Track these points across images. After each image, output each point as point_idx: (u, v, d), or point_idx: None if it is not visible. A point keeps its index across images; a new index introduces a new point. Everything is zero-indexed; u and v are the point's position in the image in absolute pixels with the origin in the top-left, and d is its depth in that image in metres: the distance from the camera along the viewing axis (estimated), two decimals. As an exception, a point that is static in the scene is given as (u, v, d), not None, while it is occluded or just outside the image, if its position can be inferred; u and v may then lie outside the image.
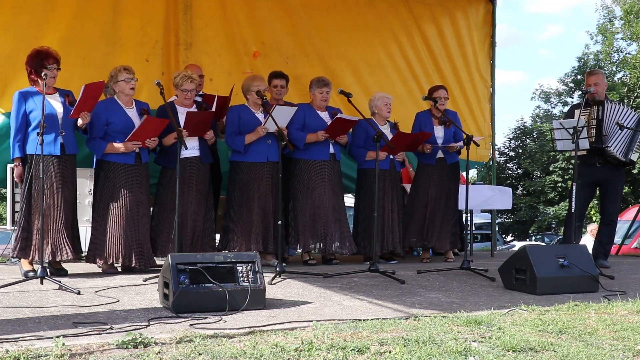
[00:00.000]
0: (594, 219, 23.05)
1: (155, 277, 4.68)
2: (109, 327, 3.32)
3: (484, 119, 8.63)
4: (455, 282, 5.23)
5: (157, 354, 2.80)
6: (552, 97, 34.63)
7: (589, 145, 6.20)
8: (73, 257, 5.18)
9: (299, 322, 3.54)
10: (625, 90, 28.47)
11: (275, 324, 3.46)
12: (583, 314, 3.88)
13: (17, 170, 5.13)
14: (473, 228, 8.53)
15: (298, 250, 6.51)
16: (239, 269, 3.97)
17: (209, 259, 3.97)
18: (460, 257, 6.40)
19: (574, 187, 5.99)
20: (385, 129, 6.36)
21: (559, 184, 30.15)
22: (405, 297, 4.52)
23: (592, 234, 11.30)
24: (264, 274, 4.11)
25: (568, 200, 6.70)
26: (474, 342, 3.13)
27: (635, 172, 25.31)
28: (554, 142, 6.26)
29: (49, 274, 4.72)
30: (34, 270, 4.96)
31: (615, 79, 29.61)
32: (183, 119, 5.45)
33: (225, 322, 3.54)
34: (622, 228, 9.93)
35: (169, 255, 3.89)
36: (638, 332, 3.42)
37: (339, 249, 6.13)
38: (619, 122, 6.23)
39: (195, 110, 5.59)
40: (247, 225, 5.82)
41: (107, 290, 4.50)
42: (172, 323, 3.48)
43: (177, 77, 5.61)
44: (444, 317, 3.70)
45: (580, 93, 26.82)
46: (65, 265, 5.37)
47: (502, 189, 7.65)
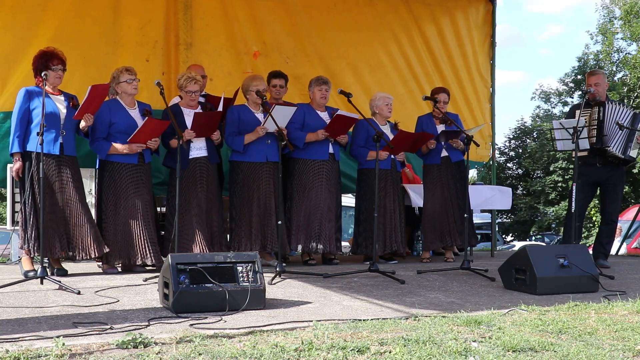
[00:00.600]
0: (594, 219, 23.08)
1: (155, 277, 4.68)
2: (109, 327, 3.33)
3: (484, 119, 8.62)
4: (455, 282, 5.23)
5: (157, 354, 2.80)
6: (552, 97, 34.63)
7: (590, 146, 6.21)
8: (91, 256, 5.21)
9: (299, 322, 3.54)
10: (625, 90, 28.45)
11: (275, 324, 3.46)
12: (583, 314, 3.88)
13: (15, 165, 5.11)
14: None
15: (298, 250, 6.51)
16: (239, 269, 3.97)
17: (209, 259, 3.97)
18: (460, 257, 6.40)
19: (574, 187, 5.99)
20: (386, 129, 6.36)
21: (559, 184, 30.14)
22: (405, 297, 4.52)
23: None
24: (264, 274, 4.11)
25: (568, 201, 6.70)
26: (474, 342, 3.13)
27: (636, 171, 25.30)
28: (554, 142, 6.26)
29: (49, 274, 4.73)
30: (34, 270, 4.96)
31: (615, 79, 29.60)
32: (190, 121, 5.47)
33: (225, 322, 3.54)
34: (622, 228, 9.95)
35: (169, 255, 3.90)
36: (638, 332, 3.42)
37: (333, 249, 6.13)
38: (619, 122, 6.24)
39: (203, 111, 5.61)
40: (248, 225, 5.83)
41: (107, 290, 4.50)
42: (172, 323, 3.48)
43: (180, 78, 5.62)
44: (444, 317, 3.70)
45: (581, 93, 26.80)
46: (65, 265, 5.37)
47: (502, 189, 7.64)
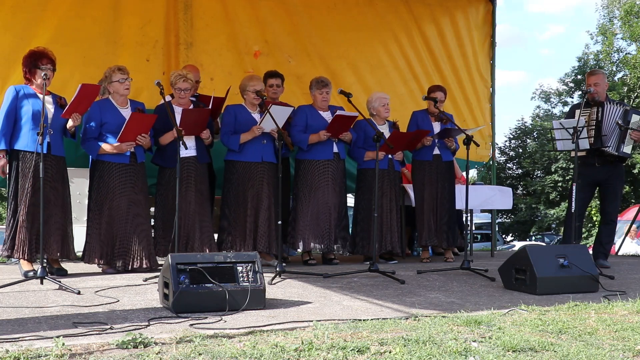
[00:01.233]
0: (594, 219, 23.08)
1: (155, 277, 4.68)
2: (109, 327, 3.32)
3: (484, 119, 8.64)
4: (455, 282, 5.23)
5: (157, 354, 2.80)
6: (552, 97, 34.63)
7: (589, 146, 6.21)
8: (64, 257, 5.21)
9: (299, 322, 3.54)
10: (625, 90, 28.45)
11: (275, 324, 3.46)
12: (583, 314, 3.88)
13: (1, 162, 5.06)
14: (473, 228, 8.52)
15: (298, 250, 6.51)
16: (239, 269, 3.97)
17: (209, 259, 3.97)
18: (460, 257, 6.40)
19: (574, 187, 5.99)
20: (384, 129, 6.36)
21: (559, 184, 30.14)
22: (405, 297, 4.52)
23: (630, 237, 11.40)
24: (264, 274, 4.11)
25: (568, 201, 6.71)
26: (474, 342, 3.12)
27: (636, 171, 25.31)
28: (554, 142, 6.26)
29: (49, 274, 4.72)
30: (34, 270, 4.95)
31: (615, 79, 29.61)
32: (179, 118, 5.42)
33: (225, 322, 3.54)
34: (622, 228, 9.95)
35: (169, 255, 3.89)
36: (638, 332, 3.42)
37: (340, 249, 6.14)
38: (618, 122, 6.25)
39: (191, 108, 5.57)
40: (241, 225, 5.82)
41: (107, 290, 4.50)
42: (172, 323, 3.48)
43: (172, 75, 5.62)
44: (444, 317, 3.70)
45: (581, 93, 26.82)
46: (65, 265, 5.37)
47: (502, 189, 7.64)
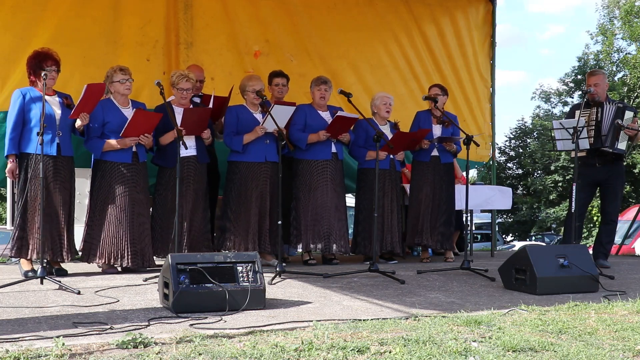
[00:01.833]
0: (595, 219, 23.08)
1: (155, 277, 4.68)
2: (109, 327, 3.32)
3: (484, 119, 8.64)
4: (455, 282, 5.23)
5: (157, 354, 2.80)
6: (552, 97, 34.63)
7: (589, 146, 6.21)
8: (68, 259, 5.22)
9: (299, 322, 3.54)
10: (625, 90, 28.46)
11: (275, 324, 3.46)
12: (583, 314, 3.88)
13: (10, 166, 5.09)
14: (473, 228, 8.52)
15: (298, 250, 6.51)
16: (239, 269, 3.97)
17: (209, 259, 3.97)
18: (460, 257, 6.40)
19: (574, 187, 5.99)
20: (386, 129, 6.37)
21: (560, 184, 30.14)
22: (405, 297, 4.52)
23: None
24: (264, 274, 4.11)
25: (568, 201, 6.72)
26: (474, 342, 3.12)
27: (637, 171, 25.30)
28: (554, 142, 6.26)
29: (49, 274, 4.72)
30: (34, 270, 4.96)
31: (615, 79, 29.61)
32: (180, 118, 5.43)
33: (225, 322, 3.54)
34: (622, 228, 9.94)
35: (169, 255, 3.89)
36: (638, 332, 3.42)
37: (341, 249, 6.14)
38: (618, 122, 6.25)
39: (192, 108, 5.58)
40: (244, 225, 5.82)
41: (107, 290, 4.50)
42: (172, 323, 3.48)
43: (173, 75, 5.61)
44: (444, 317, 3.70)
45: (581, 93, 26.81)
46: (65, 265, 5.37)
47: (502, 189, 7.64)
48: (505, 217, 32.94)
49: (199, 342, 3.00)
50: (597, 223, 21.04)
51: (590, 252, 5.84)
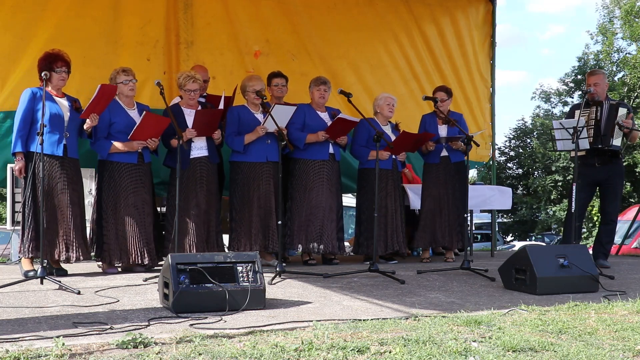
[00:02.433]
0: (595, 219, 23.06)
1: (155, 277, 4.68)
2: (109, 327, 3.33)
3: (484, 119, 8.64)
4: (455, 282, 5.23)
5: (157, 354, 2.80)
6: (552, 97, 34.61)
7: (589, 146, 6.21)
8: (83, 257, 5.23)
9: (299, 322, 3.54)
10: (625, 90, 28.43)
11: (275, 324, 3.46)
12: (583, 314, 3.88)
13: (18, 164, 5.10)
14: (473, 228, 8.52)
15: (298, 250, 6.51)
16: (239, 269, 3.97)
17: (209, 259, 3.97)
18: (460, 257, 6.40)
19: (574, 187, 5.99)
20: (387, 129, 6.37)
21: (560, 183, 30.12)
22: (405, 297, 4.52)
23: None
24: (264, 274, 4.11)
25: (568, 201, 6.72)
26: (474, 342, 3.13)
27: (638, 171, 25.29)
28: (554, 142, 6.26)
29: (49, 274, 4.73)
30: (34, 270, 4.96)
31: (615, 79, 29.59)
32: (191, 120, 5.47)
33: (225, 322, 3.54)
34: (622, 228, 9.94)
35: (169, 255, 3.90)
36: (638, 332, 3.42)
37: (335, 249, 6.13)
38: (618, 122, 6.25)
39: (204, 109, 5.61)
40: (248, 226, 5.83)
41: (107, 290, 4.50)
42: (172, 323, 3.48)
43: (180, 77, 5.63)
44: (444, 317, 3.70)
45: (581, 93, 26.82)
46: (65, 265, 5.37)
47: (502, 189, 7.64)
48: (505, 217, 32.92)
49: (199, 342, 3.00)
50: (597, 223, 21.02)
51: (590, 252, 5.85)
